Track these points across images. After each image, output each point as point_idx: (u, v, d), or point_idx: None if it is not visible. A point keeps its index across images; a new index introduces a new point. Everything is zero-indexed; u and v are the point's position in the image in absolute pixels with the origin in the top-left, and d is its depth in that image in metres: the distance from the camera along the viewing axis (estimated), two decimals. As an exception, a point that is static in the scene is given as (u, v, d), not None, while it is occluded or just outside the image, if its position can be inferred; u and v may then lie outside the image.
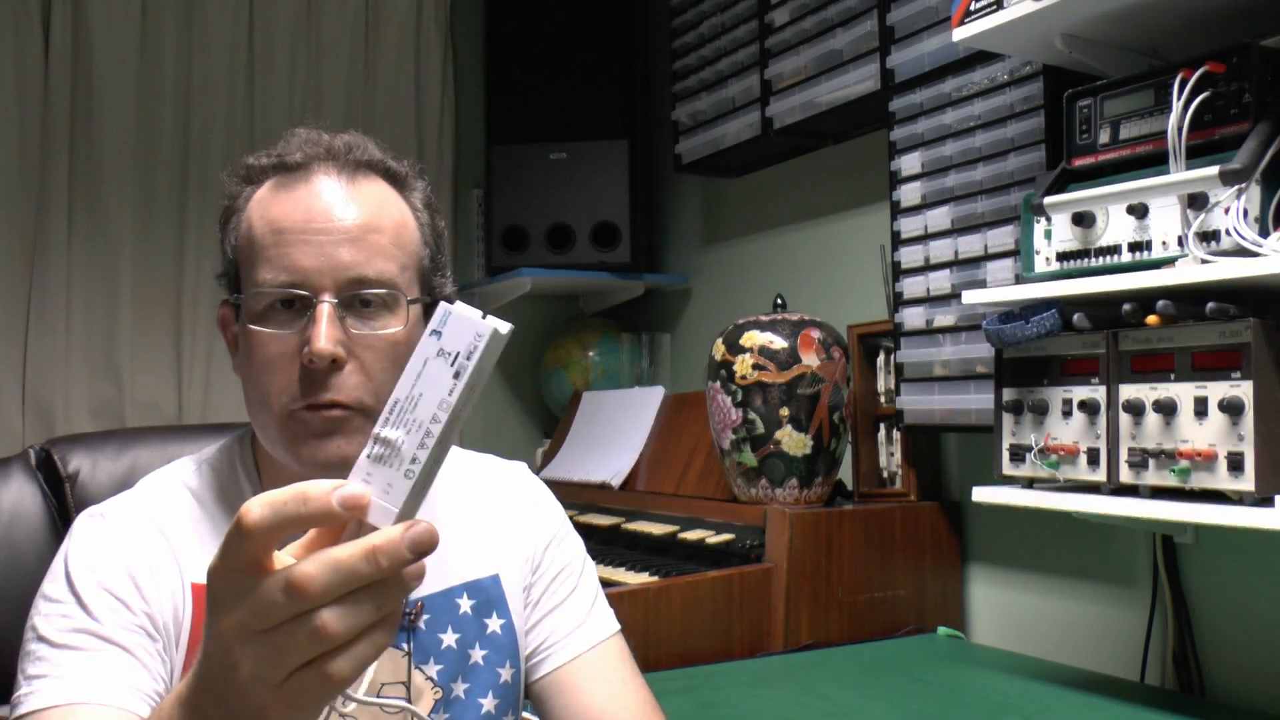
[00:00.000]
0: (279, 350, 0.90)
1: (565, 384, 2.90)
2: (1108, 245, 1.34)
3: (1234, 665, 1.57)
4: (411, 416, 0.58)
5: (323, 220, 0.90)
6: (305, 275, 0.89)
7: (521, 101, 2.80)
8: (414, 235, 0.97)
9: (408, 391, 0.59)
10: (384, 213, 0.94)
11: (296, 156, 0.94)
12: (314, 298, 0.89)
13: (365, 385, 0.90)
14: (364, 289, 0.90)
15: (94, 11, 2.58)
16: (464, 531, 1.04)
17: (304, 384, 0.89)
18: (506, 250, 2.78)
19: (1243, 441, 1.17)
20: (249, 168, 0.97)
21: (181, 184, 2.67)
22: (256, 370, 0.91)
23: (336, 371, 0.89)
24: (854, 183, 2.27)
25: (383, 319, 0.92)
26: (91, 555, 0.92)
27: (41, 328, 2.54)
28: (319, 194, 0.92)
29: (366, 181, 0.94)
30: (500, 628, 1.03)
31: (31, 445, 1.32)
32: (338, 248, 0.90)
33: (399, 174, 0.98)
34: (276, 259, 0.90)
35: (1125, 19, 1.40)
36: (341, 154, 0.95)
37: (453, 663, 1.00)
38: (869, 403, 2.04)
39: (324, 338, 0.87)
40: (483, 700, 1.01)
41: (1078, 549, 1.78)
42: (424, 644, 0.99)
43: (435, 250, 1.00)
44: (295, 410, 0.90)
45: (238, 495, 0.98)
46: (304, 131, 0.97)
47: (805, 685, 1.58)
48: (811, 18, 2.17)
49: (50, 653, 0.86)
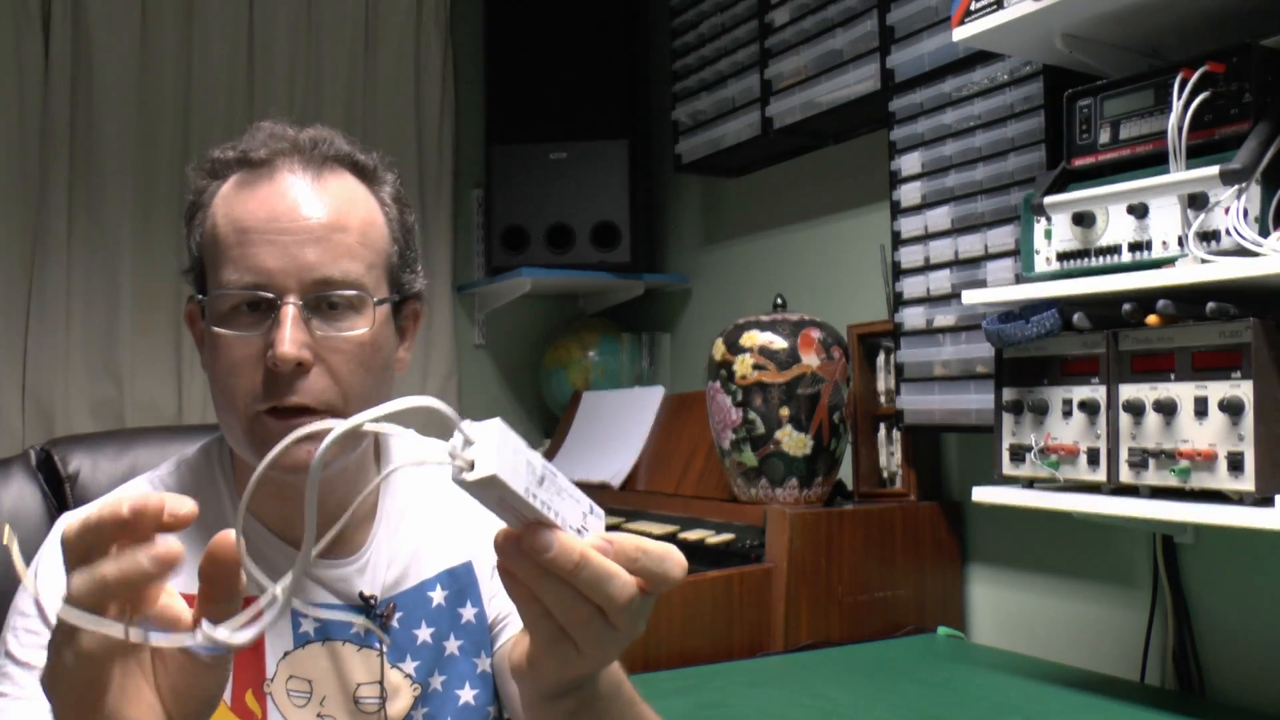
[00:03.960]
0: (244, 353, 0.88)
1: (565, 384, 2.90)
2: (1108, 245, 1.34)
3: (1234, 665, 1.57)
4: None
5: (287, 219, 0.88)
6: (269, 276, 0.87)
7: (521, 101, 2.80)
8: (382, 232, 0.94)
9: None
10: (351, 210, 0.91)
11: (261, 152, 0.92)
12: (278, 299, 0.87)
13: (332, 388, 0.88)
14: (329, 290, 0.88)
15: (94, 11, 2.57)
16: (435, 524, 1.04)
17: (269, 387, 0.87)
18: (506, 250, 2.77)
19: (1243, 441, 1.17)
20: (214, 161, 0.94)
21: (181, 184, 2.64)
22: (222, 373, 0.90)
23: (302, 375, 0.87)
24: (854, 183, 2.27)
25: (349, 320, 0.90)
26: (59, 567, 0.91)
27: (41, 328, 2.54)
28: (283, 192, 0.89)
29: (333, 177, 0.92)
30: (474, 616, 1.03)
31: (31, 445, 1.32)
32: (302, 248, 0.88)
33: (367, 168, 0.96)
34: (240, 259, 0.88)
35: (1125, 19, 1.40)
36: (307, 149, 0.92)
37: (429, 657, 0.99)
38: (869, 403, 2.04)
39: (288, 341, 0.85)
40: (460, 692, 1.01)
41: (1078, 549, 1.78)
42: (399, 642, 0.99)
43: (404, 246, 0.97)
44: (260, 413, 0.88)
45: (214, 494, 0.97)
46: (269, 125, 0.94)
47: (805, 685, 1.58)
48: (811, 18, 2.17)
49: (14, 671, 0.86)
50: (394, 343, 0.97)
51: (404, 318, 0.99)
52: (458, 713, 1.00)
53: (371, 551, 1.00)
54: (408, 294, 0.98)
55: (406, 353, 1.00)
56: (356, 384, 0.90)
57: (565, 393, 2.89)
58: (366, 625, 0.96)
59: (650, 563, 0.61)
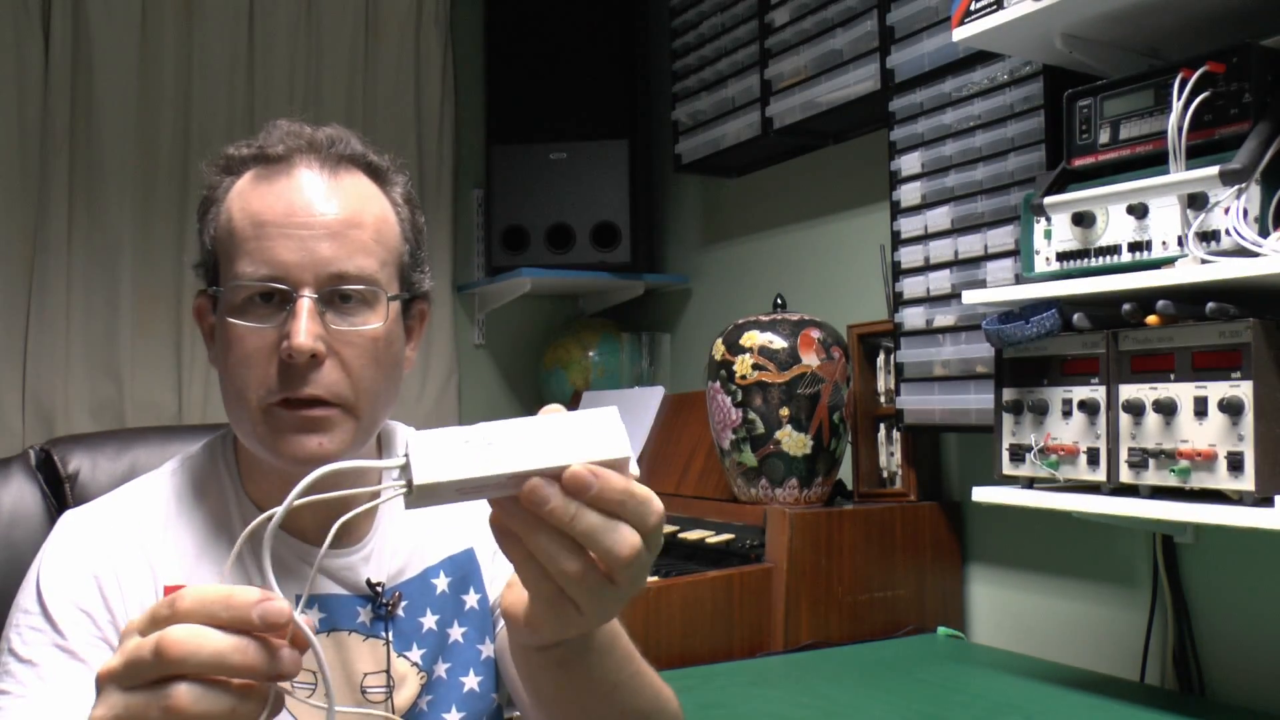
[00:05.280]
0: (257, 344, 0.89)
1: (565, 384, 2.90)
2: (1108, 245, 1.34)
3: (1234, 665, 1.57)
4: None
5: (304, 214, 0.90)
6: (285, 269, 0.88)
7: (521, 101, 2.80)
8: (394, 231, 0.96)
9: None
10: (365, 208, 0.93)
11: (278, 149, 0.93)
12: (294, 292, 0.88)
13: (344, 381, 0.89)
14: (344, 284, 0.90)
15: (94, 11, 2.57)
16: (435, 511, 1.04)
17: (282, 378, 0.88)
18: (506, 250, 2.78)
19: (1243, 441, 1.17)
20: (229, 158, 0.95)
21: (182, 184, 2.67)
22: (234, 364, 0.90)
23: (316, 367, 0.88)
24: (854, 183, 2.27)
25: (362, 315, 0.91)
26: (61, 564, 0.92)
27: (41, 328, 2.54)
28: (300, 187, 0.91)
29: (348, 176, 0.94)
30: (477, 603, 1.03)
31: (31, 445, 1.32)
32: (318, 242, 0.89)
33: (380, 169, 0.97)
34: (256, 252, 0.89)
35: (1125, 19, 1.40)
36: (324, 147, 0.94)
37: (434, 644, 1.00)
38: (869, 403, 2.04)
39: (303, 333, 0.86)
40: (464, 678, 1.01)
41: (1078, 549, 1.78)
42: (404, 630, 0.99)
43: (415, 246, 0.99)
44: (272, 405, 0.89)
45: (218, 491, 0.98)
46: (285, 123, 0.96)
47: (805, 685, 1.58)
48: (811, 18, 2.17)
49: (17, 669, 0.87)
50: (404, 340, 0.98)
51: (411, 317, 1.00)
52: (463, 699, 1.01)
53: (375, 540, 1.00)
54: (417, 293, 0.99)
55: (413, 351, 1.02)
56: (368, 378, 0.91)
57: (565, 393, 2.89)
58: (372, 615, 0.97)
59: (637, 505, 0.61)
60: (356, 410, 0.91)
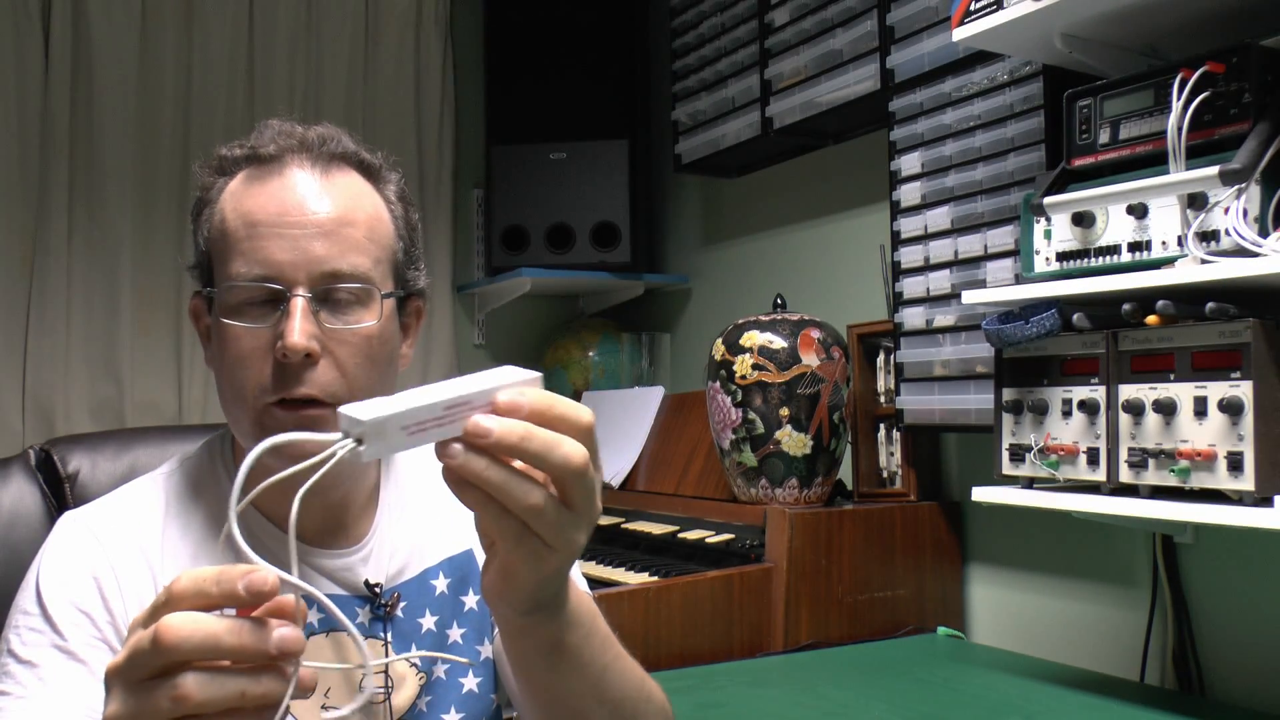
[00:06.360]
0: (252, 344, 0.89)
1: (565, 384, 2.90)
2: (1107, 245, 1.34)
3: (1234, 665, 1.57)
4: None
5: (296, 213, 0.90)
6: (279, 269, 0.88)
7: (521, 101, 2.80)
8: (388, 228, 0.96)
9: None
10: (358, 206, 0.93)
11: (270, 148, 0.93)
12: (287, 291, 0.88)
13: (339, 380, 0.89)
14: (338, 283, 0.90)
15: (94, 11, 2.57)
16: (434, 513, 1.05)
17: (277, 378, 0.88)
18: (506, 250, 2.78)
19: (1242, 441, 1.17)
20: (221, 159, 0.95)
21: (182, 184, 2.67)
22: (229, 364, 0.90)
23: (310, 366, 0.88)
24: (854, 183, 2.27)
25: (356, 313, 0.91)
26: (61, 565, 0.92)
27: (41, 328, 2.54)
28: (292, 187, 0.91)
29: (340, 174, 0.94)
30: (475, 604, 1.04)
31: (31, 445, 1.32)
32: (311, 241, 0.89)
33: (372, 166, 0.97)
34: (250, 252, 0.89)
35: (1125, 19, 1.40)
36: (315, 146, 0.94)
37: (433, 645, 1.00)
38: (869, 403, 2.04)
39: (297, 332, 0.86)
40: (463, 680, 1.01)
41: (1078, 549, 1.78)
42: (403, 631, 0.99)
43: (409, 243, 0.99)
44: (269, 404, 0.89)
45: (215, 491, 0.98)
46: (277, 123, 0.96)
47: (805, 685, 1.58)
48: (811, 18, 2.17)
49: (17, 669, 0.87)
50: (399, 338, 0.98)
51: (407, 314, 1.00)
52: (461, 700, 1.01)
53: (374, 541, 1.00)
54: (412, 290, 0.99)
55: (409, 349, 1.01)
56: (363, 377, 0.91)
57: (565, 393, 2.86)
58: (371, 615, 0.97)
59: (567, 409, 0.63)
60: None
